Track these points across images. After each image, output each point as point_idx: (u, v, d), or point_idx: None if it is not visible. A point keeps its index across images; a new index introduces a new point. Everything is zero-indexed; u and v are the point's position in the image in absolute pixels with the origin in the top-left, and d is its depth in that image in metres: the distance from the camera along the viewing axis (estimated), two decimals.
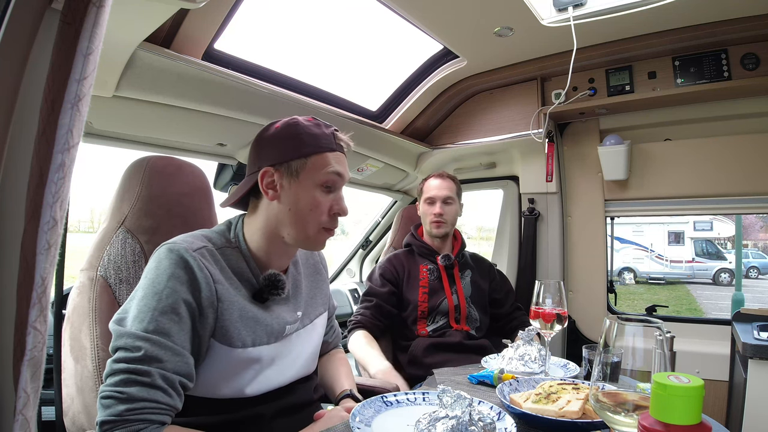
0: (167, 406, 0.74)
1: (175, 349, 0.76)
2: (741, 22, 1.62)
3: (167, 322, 0.76)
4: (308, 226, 0.91)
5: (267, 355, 0.89)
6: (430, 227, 1.73)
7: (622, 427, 0.58)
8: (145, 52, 1.15)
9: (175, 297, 0.78)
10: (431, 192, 1.74)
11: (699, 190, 1.96)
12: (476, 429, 0.71)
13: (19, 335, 0.49)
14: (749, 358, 1.37)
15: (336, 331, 1.27)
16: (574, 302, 2.19)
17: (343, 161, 0.96)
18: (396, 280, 1.70)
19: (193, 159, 1.47)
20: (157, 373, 0.73)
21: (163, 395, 0.74)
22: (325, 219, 0.93)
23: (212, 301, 0.82)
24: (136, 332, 0.75)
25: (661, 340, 0.58)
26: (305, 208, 0.90)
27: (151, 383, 0.73)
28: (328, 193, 0.93)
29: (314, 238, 0.93)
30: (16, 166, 0.53)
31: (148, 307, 0.77)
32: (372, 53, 1.87)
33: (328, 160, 0.92)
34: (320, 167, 0.91)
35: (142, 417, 0.71)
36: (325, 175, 0.91)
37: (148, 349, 0.74)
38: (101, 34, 0.54)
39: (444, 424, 0.71)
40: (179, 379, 0.76)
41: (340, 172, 0.94)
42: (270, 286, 0.90)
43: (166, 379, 0.74)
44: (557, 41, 1.80)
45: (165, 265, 0.80)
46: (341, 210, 0.94)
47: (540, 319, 1.18)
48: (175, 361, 0.76)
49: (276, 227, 0.92)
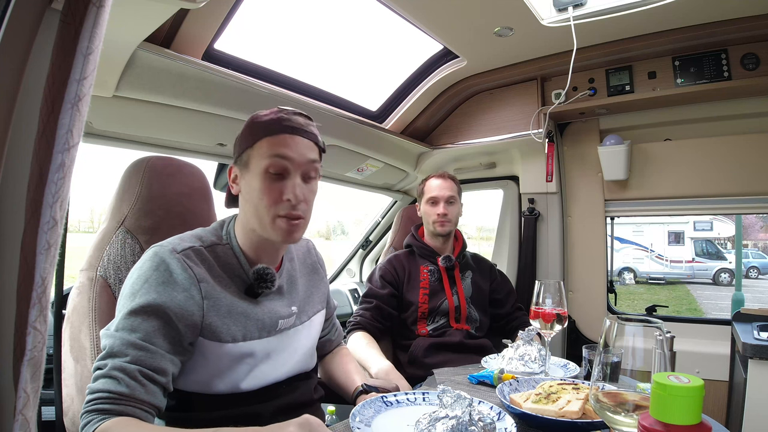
0: (120, 395, 0.73)
1: (138, 344, 0.76)
2: (741, 22, 1.62)
3: (135, 320, 0.78)
4: (262, 215, 0.88)
5: (260, 349, 0.90)
6: (434, 227, 1.73)
7: (622, 427, 0.58)
8: (145, 52, 1.15)
9: (147, 299, 0.79)
10: (434, 192, 1.73)
11: (699, 190, 1.96)
12: (476, 429, 0.71)
13: (19, 335, 0.49)
14: (749, 358, 1.37)
15: (338, 330, 1.27)
16: (574, 302, 2.19)
17: (291, 143, 0.89)
18: (396, 281, 1.70)
19: (193, 159, 1.48)
20: (113, 364, 0.74)
21: (117, 385, 0.73)
22: (279, 206, 0.88)
23: (196, 300, 0.82)
24: (109, 332, 0.78)
25: (661, 340, 0.58)
26: (255, 197, 0.88)
27: (105, 374, 0.74)
28: (278, 180, 0.88)
29: (272, 226, 0.88)
30: (16, 166, 0.53)
31: (122, 306, 0.80)
32: (372, 53, 1.87)
33: (270, 144, 0.88)
34: (263, 154, 0.88)
35: (94, 408, 0.72)
36: (267, 159, 0.87)
37: (111, 345, 0.76)
38: (101, 34, 0.54)
39: (444, 424, 0.71)
40: (139, 369, 0.75)
41: (285, 154, 0.87)
42: (259, 280, 0.90)
43: (122, 370, 0.74)
44: (557, 41, 1.80)
45: (145, 267, 0.82)
46: (292, 197, 0.87)
47: (540, 319, 1.18)
48: (136, 354, 0.76)
49: (248, 221, 0.92)
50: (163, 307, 0.79)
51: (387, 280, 1.70)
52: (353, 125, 1.92)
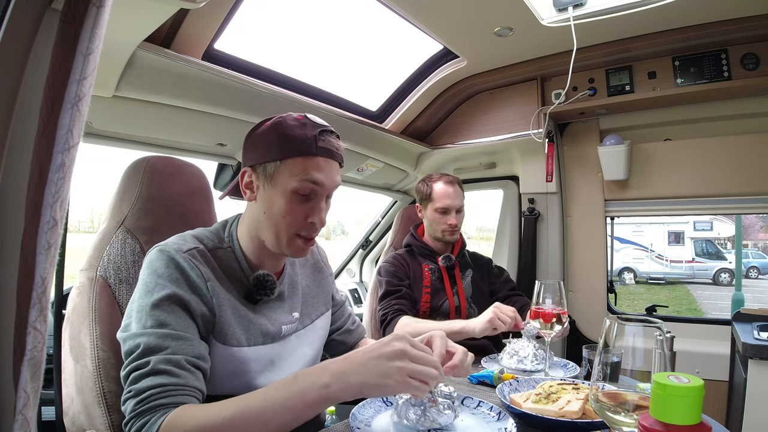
0: (176, 386, 0.72)
1: (174, 335, 0.75)
2: (741, 22, 1.62)
3: (161, 313, 0.76)
4: (281, 232, 0.87)
5: (265, 355, 0.89)
6: (443, 235, 1.72)
7: (622, 427, 0.58)
8: (145, 52, 1.15)
9: (167, 291, 0.78)
10: (445, 202, 1.70)
11: (699, 190, 1.96)
12: (434, 399, 0.78)
13: (19, 335, 0.49)
14: (749, 358, 1.37)
15: (356, 321, 1.22)
16: (574, 302, 2.19)
17: (325, 167, 0.86)
18: (407, 277, 1.70)
19: (193, 159, 1.47)
20: (157, 359, 0.72)
21: (168, 377, 0.72)
22: (300, 226, 0.87)
23: (208, 299, 0.82)
24: (135, 332, 0.76)
25: (661, 340, 0.58)
26: (278, 213, 0.86)
27: (152, 370, 0.72)
28: (305, 202, 0.87)
29: (288, 244, 0.88)
30: (16, 166, 0.53)
31: (142, 306, 0.78)
32: (372, 53, 1.87)
33: (304, 165, 0.84)
34: (295, 173, 0.84)
35: (151, 405, 0.70)
36: (299, 182, 0.84)
37: (146, 342, 0.74)
38: (101, 34, 0.54)
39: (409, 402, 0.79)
40: (185, 358, 0.74)
41: (318, 180, 0.85)
42: (259, 287, 0.89)
43: (169, 362, 0.73)
44: (557, 41, 1.80)
45: (156, 265, 0.81)
46: (317, 221, 0.88)
47: (540, 319, 1.18)
48: (177, 345, 0.75)
49: (257, 229, 0.90)
50: (184, 299, 0.79)
51: (400, 277, 1.69)
52: (353, 125, 1.92)
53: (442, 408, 0.79)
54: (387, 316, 1.57)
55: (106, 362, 0.90)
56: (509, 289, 1.79)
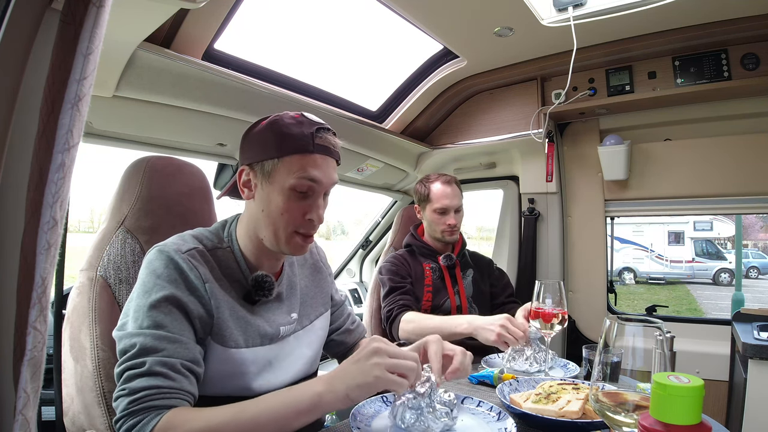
0: (170, 389, 0.73)
1: (171, 337, 0.76)
2: (741, 22, 1.62)
3: (158, 315, 0.77)
4: (279, 229, 0.87)
5: (263, 356, 0.89)
6: (443, 235, 1.72)
7: (622, 427, 0.58)
8: (145, 52, 1.15)
9: (165, 292, 0.78)
10: (443, 202, 1.70)
11: (699, 190, 1.96)
12: (431, 403, 0.78)
13: (19, 335, 0.49)
14: (749, 358, 1.37)
15: (356, 320, 1.22)
16: (574, 302, 2.19)
17: (322, 164, 0.87)
18: (409, 275, 1.70)
19: (193, 159, 1.47)
20: (153, 361, 0.73)
21: (164, 380, 0.72)
22: (298, 223, 0.88)
23: (206, 300, 0.82)
24: (131, 331, 0.76)
25: (661, 340, 0.58)
26: (276, 211, 0.86)
27: (147, 371, 0.72)
28: (303, 199, 0.87)
29: (287, 242, 0.88)
30: (16, 166, 0.53)
31: (139, 306, 0.78)
32: (372, 53, 1.87)
33: (301, 163, 0.85)
34: (292, 171, 0.85)
35: (145, 405, 0.70)
36: (297, 179, 0.85)
37: (142, 342, 0.74)
38: (101, 34, 0.54)
39: (407, 401, 0.78)
40: (180, 362, 0.75)
41: (315, 177, 0.86)
42: (257, 287, 0.89)
43: (164, 365, 0.73)
44: (557, 41, 1.80)
45: (155, 266, 0.81)
46: (315, 218, 0.88)
47: (540, 319, 1.18)
48: (173, 348, 0.75)
49: (255, 228, 0.90)
50: (182, 301, 0.79)
51: (402, 275, 1.69)
52: (353, 125, 1.92)
53: (439, 415, 0.79)
54: (392, 311, 1.57)
55: (106, 362, 0.90)
56: (507, 296, 1.79)
